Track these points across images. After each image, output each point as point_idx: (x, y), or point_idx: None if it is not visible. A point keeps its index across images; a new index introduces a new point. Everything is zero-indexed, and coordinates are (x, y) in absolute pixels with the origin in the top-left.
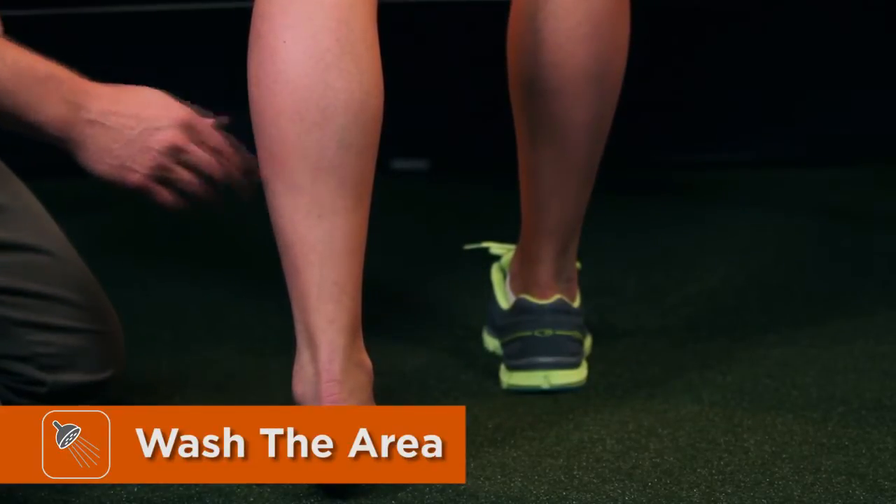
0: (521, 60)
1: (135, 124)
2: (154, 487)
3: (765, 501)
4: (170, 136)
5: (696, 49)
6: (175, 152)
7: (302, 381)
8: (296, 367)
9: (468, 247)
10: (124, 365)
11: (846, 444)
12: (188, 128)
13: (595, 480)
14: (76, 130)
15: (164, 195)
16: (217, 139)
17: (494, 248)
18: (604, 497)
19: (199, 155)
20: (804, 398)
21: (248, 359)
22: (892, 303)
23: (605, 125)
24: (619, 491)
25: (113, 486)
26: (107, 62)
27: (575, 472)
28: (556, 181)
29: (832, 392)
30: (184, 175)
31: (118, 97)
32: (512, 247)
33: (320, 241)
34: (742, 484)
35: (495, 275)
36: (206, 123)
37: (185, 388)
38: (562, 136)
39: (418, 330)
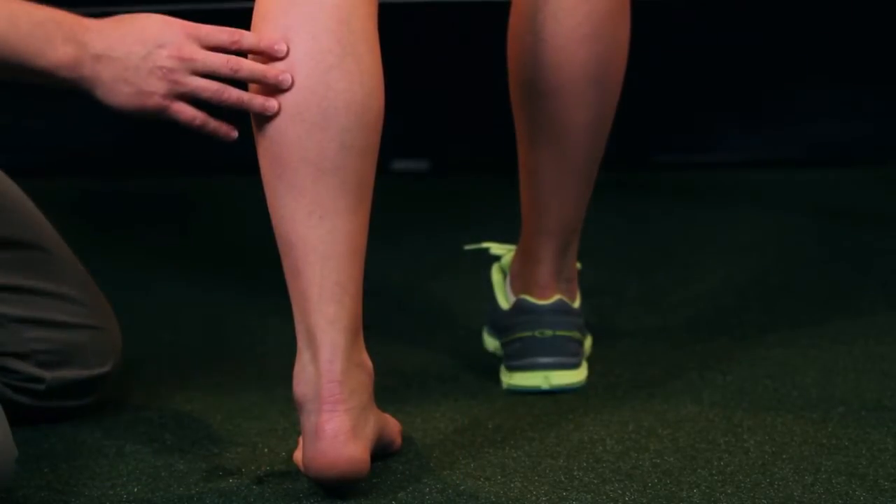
0: (521, 61)
1: (140, 48)
2: (154, 487)
3: (765, 502)
4: (175, 48)
5: (696, 49)
6: (185, 63)
7: (303, 381)
8: (296, 368)
9: (468, 247)
10: (122, 361)
11: (846, 444)
12: (192, 37)
13: (595, 481)
14: (86, 68)
15: (188, 112)
16: (224, 38)
17: (494, 248)
18: (604, 497)
19: (210, 58)
20: (804, 398)
21: (248, 359)
22: (892, 303)
23: (606, 126)
24: (619, 491)
25: (113, 485)
26: None
27: (575, 473)
28: (557, 181)
29: (832, 392)
30: (200, 83)
31: (119, 27)
32: (512, 247)
33: (321, 242)
34: (742, 484)
35: (495, 275)
36: (210, 28)
37: (185, 388)
38: (562, 137)
39: (418, 330)
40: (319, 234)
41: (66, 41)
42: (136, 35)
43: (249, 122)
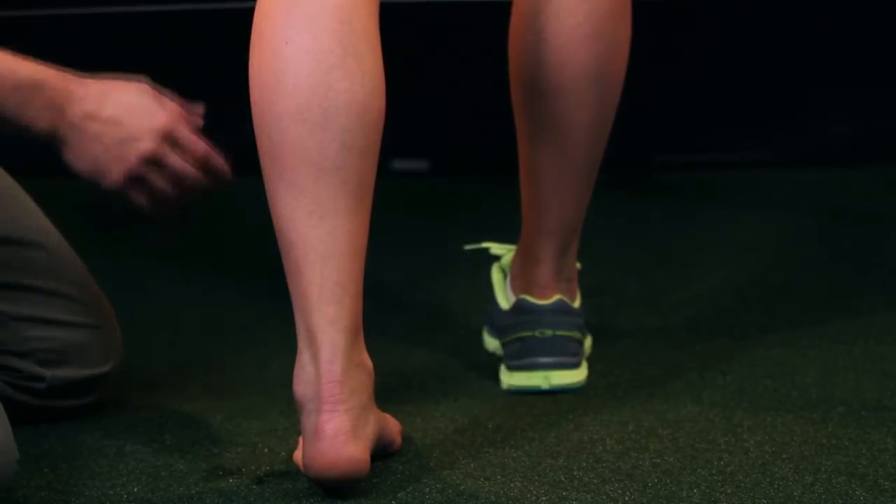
0: (522, 60)
1: (115, 132)
2: (154, 487)
3: (765, 502)
4: (149, 147)
5: (697, 49)
6: (152, 162)
7: (303, 381)
8: (296, 368)
9: (468, 247)
10: (122, 360)
11: (846, 444)
12: (168, 137)
13: (595, 481)
14: (60, 131)
15: (139, 199)
16: (197, 147)
17: (495, 248)
18: (604, 497)
19: (177, 164)
20: (804, 398)
21: (248, 359)
22: (892, 303)
23: (606, 125)
24: (620, 491)
25: (113, 485)
26: (106, 63)
27: (575, 473)
28: (557, 181)
29: (832, 392)
30: (159, 182)
31: (102, 99)
32: (512, 247)
33: (322, 242)
34: (742, 484)
35: (495, 275)
36: (187, 132)
37: (185, 387)
38: (563, 137)
39: (418, 330)
40: (320, 234)
41: (46, 106)
42: (117, 115)
43: (250, 122)
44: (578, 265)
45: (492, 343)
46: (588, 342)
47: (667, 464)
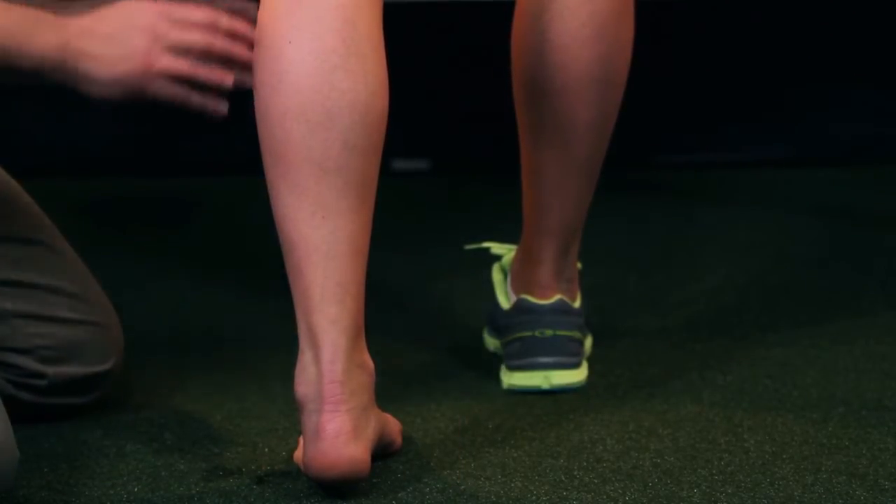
0: (525, 60)
1: (121, 19)
2: (154, 487)
3: (765, 502)
4: (155, 15)
5: (697, 49)
6: (160, 38)
7: (304, 381)
8: (298, 368)
9: (469, 247)
10: (123, 359)
11: (846, 444)
12: (166, 14)
13: (595, 481)
14: (70, 47)
15: (173, 88)
16: (200, 14)
17: (495, 248)
18: (604, 497)
19: (187, 36)
20: (804, 398)
21: (248, 359)
22: (892, 303)
23: (609, 125)
24: (620, 491)
25: (113, 485)
26: None
27: (575, 473)
28: (559, 181)
29: (832, 392)
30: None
31: (98, 12)
32: (513, 247)
33: (324, 242)
34: (742, 484)
35: (496, 275)
36: (185, 6)
37: (185, 387)
38: (565, 137)
39: (419, 330)
40: (322, 235)
41: (50, 29)
42: (115, 11)
43: (250, 122)
44: (579, 265)
45: (492, 343)
46: (588, 342)
47: (667, 464)
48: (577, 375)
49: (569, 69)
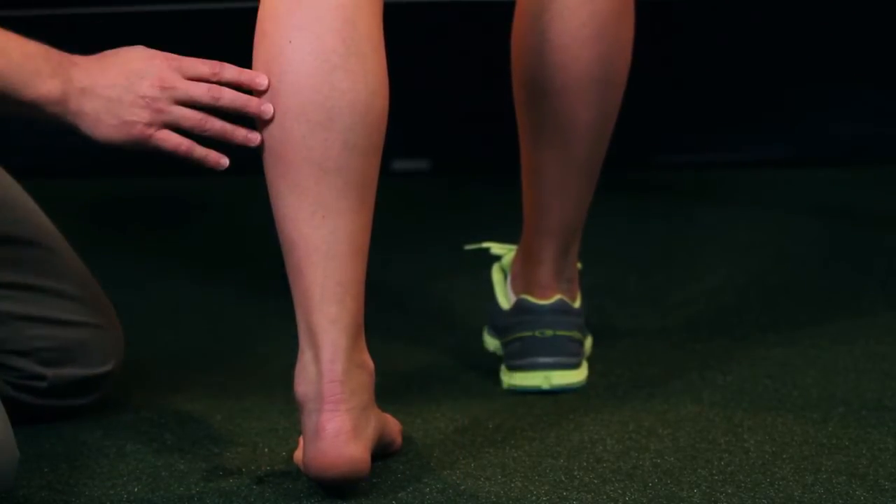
0: (525, 61)
1: (123, 80)
2: (154, 487)
3: (765, 502)
4: (157, 78)
5: (697, 49)
6: (167, 92)
7: (304, 381)
8: (298, 368)
9: (468, 247)
10: (123, 360)
11: (846, 444)
12: (173, 68)
13: (595, 481)
14: (71, 102)
15: (173, 139)
16: (205, 70)
17: (495, 248)
18: (604, 497)
19: (192, 87)
20: (804, 398)
21: (248, 359)
22: (892, 303)
23: (609, 126)
24: (620, 491)
25: (113, 485)
26: None
27: (575, 473)
28: (559, 181)
29: (832, 392)
30: (183, 112)
31: (103, 61)
32: (513, 247)
33: (324, 242)
34: (742, 484)
35: (496, 275)
36: (191, 60)
37: (185, 388)
38: (565, 137)
39: (419, 330)
40: (322, 234)
41: (53, 75)
42: (118, 68)
43: (250, 122)
44: (579, 265)
45: (492, 343)
46: (588, 342)
47: (667, 464)
48: (577, 375)
49: (569, 69)
